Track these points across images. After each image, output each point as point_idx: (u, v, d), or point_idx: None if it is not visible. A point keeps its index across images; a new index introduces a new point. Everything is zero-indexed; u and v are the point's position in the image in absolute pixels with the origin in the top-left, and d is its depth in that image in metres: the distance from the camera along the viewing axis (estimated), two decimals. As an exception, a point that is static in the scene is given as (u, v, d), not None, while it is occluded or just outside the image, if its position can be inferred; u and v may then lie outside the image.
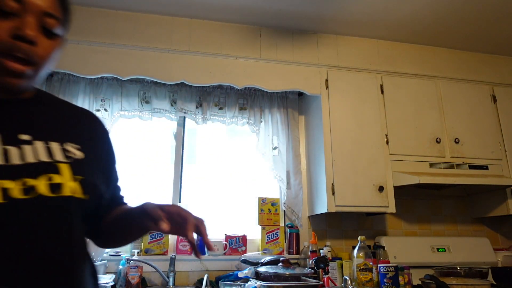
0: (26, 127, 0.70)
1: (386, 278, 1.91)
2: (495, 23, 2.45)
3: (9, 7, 0.64)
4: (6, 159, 0.63)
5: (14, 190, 0.61)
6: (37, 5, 0.67)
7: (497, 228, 2.76)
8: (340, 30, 2.53)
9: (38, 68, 0.69)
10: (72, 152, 0.73)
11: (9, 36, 0.64)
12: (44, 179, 0.65)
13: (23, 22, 0.65)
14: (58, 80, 2.31)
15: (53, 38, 0.71)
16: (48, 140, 0.71)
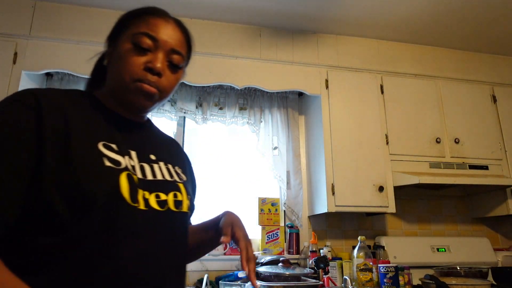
0: (151, 148, 0.83)
1: (386, 278, 1.91)
2: (495, 23, 2.45)
3: (146, 44, 0.77)
4: (143, 174, 0.75)
5: (152, 201, 0.73)
6: (168, 43, 0.79)
7: (497, 228, 2.76)
8: (340, 30, 2.53)
9: (162, 95, 0.80)
10: (180, 174, 0.86)
11: (143, 68, 0.76)
12: (171, 195, 0.78)
13: (155, 57, 0.77)
14: (58, 80, 2.31)
15: (176, 71, 0.82)
16: (167, 162, 0.84)
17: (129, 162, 0.73)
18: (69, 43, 2.16)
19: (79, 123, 0.70)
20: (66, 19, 2.19)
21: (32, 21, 2.14)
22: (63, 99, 0.73)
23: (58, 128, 0.66)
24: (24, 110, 0.66)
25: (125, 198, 0.67)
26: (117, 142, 0.74)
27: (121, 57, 0.78)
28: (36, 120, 0.65)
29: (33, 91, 0.70)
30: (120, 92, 0.78)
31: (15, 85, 2.02)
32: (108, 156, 0.69)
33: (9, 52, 2.05)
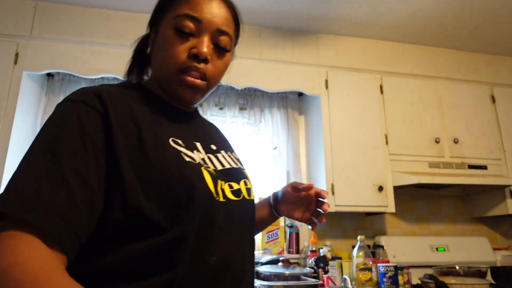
0: (209, 137, 0.79)
1: (385, 277, 1.92)
2: (494, 24, 2.46)
3: (188, 28, 0.69)
4: (213, 165, 0.71)
5: (227, 191, 0.70)
6: (213, 23, 0.71)
7: (496, 228, 2.77)
8: (340, 30, 2.53)
9: (209, 83, 0.73)
10: (239, 160, 0.84)
11: (187, 55, 0.69)
12: (242, 183, 0.75)
13: (199, 42, 0.70)
14: (59, 80, 2.32)
15: (224, 54, 0.74)
16: (226, 150, 0.81)
17: (198, 155, 0.69)
18: (70, 44, 2.16)
19: (147, 121, 0.66)
20: (67, 20, 2.19)
21: (33, 21, 2.15)
22: (125, 97, 0.67)
23: (127, 131, 0.61)
24: (90, 112, 0.60)
25: (212, 193, 0.65)
26: (182, 137, 0.70)
27: (163, 45, 0.71)
28: (103, 123, 0.60)
29: (95, 91, 0.64)
30: (166, 84, 0.72)
31: (16, 86, 2.03)
32: (183, 152, 0.66)
33: (10, 53, 2.06)
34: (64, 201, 0.51)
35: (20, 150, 2.07)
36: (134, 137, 0.62)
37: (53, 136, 0.57)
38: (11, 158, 1.98)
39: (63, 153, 0.55)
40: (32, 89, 2.18)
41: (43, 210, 0.49)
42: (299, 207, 0.88)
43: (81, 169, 0.55)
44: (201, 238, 0.62)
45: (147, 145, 0.61)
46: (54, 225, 0.49)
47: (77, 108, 0.60)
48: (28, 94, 2.13)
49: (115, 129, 0.60)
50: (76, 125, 0.58)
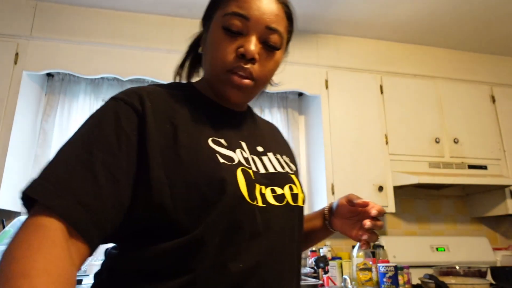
0: (257, 138, 0.77)
1: (385, 277, 1.92)
2: (494, 24, 2.46)
3: (236, 27, 0.67)
4: (256, 168, 0.69)
5: (269, 196, 0.67)
6: (261, 20, 0.68)
7: (496, 228, 2.77)
8: (340, 30, 2.54)
9: (257, 83, 0.70)
10: (289, 164, 0.79)
11: (235, 55, 0.67)
12: (287, 188, 0.71)
13: (246, 41, 0.67)
14: (59, 80, 2.32)
15: (274, 53, 0.71)
16: (275, 152, 0.77)
17: (241, 155, 0.67)
18: (70, 44, 2.16)
19: (186, 121, 0.66)
20: (67, 20, 2.19)
21: (33, 21, 2.15)
22: (168, 99, 0.68)
23: (164, 131, 0.62)
24: (128, 110, 0.62)
25: (244, 196, 0.62)
26: (226, 136, 0.68)
27: (212, 45, 0.70)
28: (139, 122, 0.61)
29: (138, 91, 0.66)
30: (214, 84, 0.71)
31: (16, 86, 2.03)
32: (220, 152, 0.64)
33: (11, 53, 2.06)
34: (91, 193, 0.53)
35: (20, 150, 2.07)
36: (169, 137, 0.62)
37: (91, 130, 0.59)
38: (11, 158, 1.98)
39: (97, 146, 0.57)
40: (32, 89, 2.18)
41: (69, 199, 0.51)
42: (355, 223, 0.79)
43: (112, 163, 0.56)
44: (226, 243, 0.59)
45: (181, 145, 0.62)
46: (77, 214, 0.51)
47: (117, 105, 0.62)
48: (28, 94, 2.13)
49: (150, 129, 0.61)
50: (113, 121, 0.60)
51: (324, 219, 0.87)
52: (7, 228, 1.71)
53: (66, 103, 2.30)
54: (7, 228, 1.71)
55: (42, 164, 2.19)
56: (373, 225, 0.73)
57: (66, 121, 2.27)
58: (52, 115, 2.27)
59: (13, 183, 2.03)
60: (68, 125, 2.27)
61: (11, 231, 1.69)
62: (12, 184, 2.01)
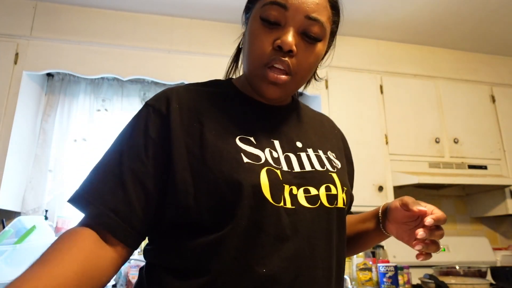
0: (297, 133, 0.72)
1: (385, 277, 1.92)
2: (494, 23, 2.46)
3: (273, 17, 0.64)
4: (290, 167, 0.65)
5: (300, 197, 0.63)
6: (301, 9, 0.63)
7: (496, 228, 2.77)
8: (339, 30, 2.52)
9: (295, 77, 0.66)
10: (334, 161, 0.73)
11: (272, 48, 0.64)
12: (323, 188, 0.66)
13: (284, 32, 0.64)
14: (59, 80, 2.32)
15: (314, 44, 0.66)
16: (316, 148, 0.72)
17: (270, 154, 0.64)
18: (70, 44, 2.16)
19: (215, 119, 0.66)
20: (67, 20, 2.20)
21: (33, 21, 2.15)
22: (199, 98, 0.69)
23: (191, 130, 0.63)
24: (156, 117, 0.64)
25: (266, 197, 0.59)
26: (256, 134, 0.66)
27: (250, 38, 0.67)
28: (165, 127, 0.63)
29: (167, 93, 0.68)
30: (251, 79, 0.69)
31: (16, 86, 2.03)
32: (246, 151, 0.62)
33: (10, 53, 2.06)
34: (120, 199, 0.59)
35: (20, 150, 2.07)
36: (196, 136, 0.63)
37: (123, 139, 0.65)
38: (11, 158, 1.98)
39: (127, 155, 0.62)
40: (32, 89, 2.18)
41: (100, 206, 0.59)
42: (413, 229, 0.69)
43: (139, 171, 0.61)
44: (248, 245, 0.58)
45: (206, 145, 0.62)
46: (107, 219, 0.58)
47: (147, 113, 0.66)
48: (28, 94, 2.13)
49: (175, 131, 0.63)
50: (143, 129, 0.64)
51: (378, 222, 0.78)
52: (7, 228, 1.70)
53: (66, 103, 2.30)
54: (7, 228, 1.70)
55: (42, 164, 2.19)
56: (429, 235, 0.62)
57: (66, 121, 2.27)
58: (52, 115, 2.27)
59: (13, 183, 2.03)
60: (68, 125, 2.27)
61: (11, 231, 1.69)
62: (12, 184, 2.01)
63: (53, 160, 2.20)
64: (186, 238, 0.60)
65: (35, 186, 2.14)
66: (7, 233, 1.67)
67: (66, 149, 2.22)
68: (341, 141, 0.85)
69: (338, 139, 0.84)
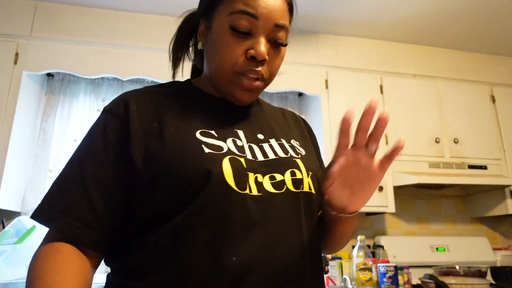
0: (258, 126, 0.73)
1: (385, 277, 1.92)
2: (494, 24, 2.46)
3: (244, 27, 0.65)
4: (254, 156, 0.66)
5: (266, 183, 0.64)
6: (270, 18, 0.66)
7: (496, 228, 2.77)
8: (340, 30, 2.54)
9: (267, 82, 0.71)
10: (297, 148, 0.74)
11: (244, 57, 0.66)
12: (288, 174, 0.66)
13: (256, 42, 0.65)
14: (59, 80, 2.32)
15: (280, 49, 0.70)
16: (279, 138, 0.73)
17: (234, 143, 0.65)
18: (70, 44, 2.16)
19: (175, 117, 0.66)
20: (67, 20, 2.20)
21: (33, 21, 2.15)
22: (158, 98, 0.70)
23: (151, 130, 0.64)
24: (114, 121, 0.65)
25: (230, 185, 0.60)
26: (218, 127, 0.67)
27: (218, 45, 0.67)
28: (124, 129, 0.64)
29: (125, 97, 0.68)
30: (221, 84, 0.70)
31: (16, 86, 2.03)
32: (207, 143, 0.63)
33: (10, 53, 2.06)
34: (85, 208, 0.60)
35: (20, 150, 2.07)
36: (156, 135, 0.63)
37: (82, 147, 0.66)
38: (11, 158, 1.98)
39: (88, 161, 0.63)
40: (32, 89, 2.18)
41: (66, 218, 0.59)
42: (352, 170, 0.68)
43: (102, 176, 0.61)
44: (215, 235, 0.58)
45: (166, 141, 0.62)
46: (75, 230, 0.59)
47: (105, 118, 0.67)
48: (28, 94, 2.13)
49: (134, 132, 0.63)
50: (101, 134, 0.65)
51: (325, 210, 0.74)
52: (7, 228, 1.70)
53: (66, 103, 2.30)
54: (7, 228, 1.70)
55: (42, 164, 2.19)
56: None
57: (66, 121, 2.27)
58: (52, 115, 2.27)
59: (13, 183, 2.03)
60: (68, 125, 2.27)
61: (11, 231, 1.69)
62: (12, 184, 2.01)
63: (53, 160, 2.20)
64: (151, 233, 0.60)
65: (35, 186, 2.14)
66: (7, 233, 1.67)
67: (66, 149, 2.22)
68: (306, 130, 0.85)
69: (302, 129, 0.84)
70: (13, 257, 1.55)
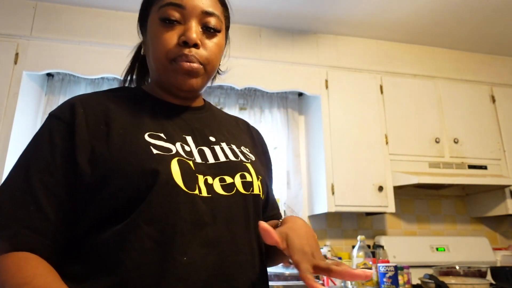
0: (210, 130, 0.75)
1: (385, 277, 1.92)
2: (494, 24, 2.46)
3: (173, 16, 0.69)
4: (204, 158, 0.67)
5: (216, 185, 0.65)
6: (197, 6, 0.70)
7: (496, 228, 2.77)
8: (340, 30, 2.54)
9: (206, 67, 0.71)
10: (247, 153, 0.76)
11: (177, 43, 0.69)
12: (238, 177, 0.68)
13: (186, 28, 0.69)
14: (59, 80, 2.32)
15: (215, 35, 0.73)
16: (230, 143, 0.75)
17: (182, 148, 0.66)
18: (70, 44, 2.16)
19: (123, 120, 0.66)
20: (67, 20, 2.20)
21: (33, 21, 2.15)
22: (106, 101, 0.69)
23: (97, 133, 0.64)
24: (60, 125, 0.64)
25: (179, 185, 0.61)
26: (167, 131, 0.68)
27: (152, 39, 0.71)
28: (70, 132, 0.63)
29: (72, 101, 0.68)
30: (162, 77, 0.72)
31: (16, 86, 2.03)
32: (155, 144, 0.64)
33: (10, 53, 2.06)
34: (34, 216, 0.58)
35: (20, 150, 2.07)
36: (103, 137, 0.63)
37: (28, 153, 0.64)
38: (11, 158, 1.98)
39: (34, 168, 0.61)
40: (32, 89, 2.18)
41: (15, 227, 0.57)
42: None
43: (49, 182, 0.60)
44: (164, 235, 0.58)
45: (113, 143, 0.62)
46: (27, 238, 0.57)
47: (50, 123, 0.65)
48: (28, 94, 2.13)
49: (80, 135, 0.63)
50: (47, 139, 0.63)
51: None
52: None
53: (66, 103, 2.30)
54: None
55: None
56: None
57: (66, 121, 2.27)
58: (52, 115, 2.27)
59: (13, 183, 2.02)
60: (68, 125, 2.27)
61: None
62: (12, 184, 2.01)
63: (53, 160, 2.20)
64: (99, 236, 0.59)
65: (35, 186, 2.14)
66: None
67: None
68: (256, 139, 0.87)
69: (253, 137, 0.87)
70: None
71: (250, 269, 0.64)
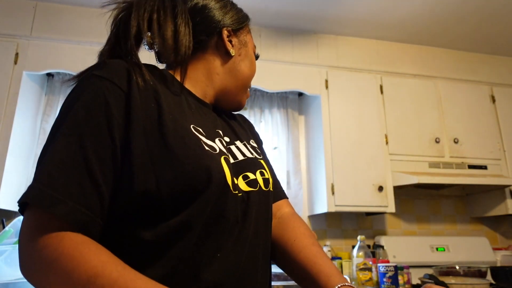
0: (223, 128, 0.75)
1: (385, 277, 1.92)
2: (494, 24, 2.46)
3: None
4: (234, 157, 0.69)
5: (241, 183, 0.66)
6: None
7: (496, 228, 2.77)
8: (340, 30, 2.54)
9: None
10: (256, 148, 0.80)
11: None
12: (258, 173, 0.71)
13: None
14: (59, 80, 2.32)
15: None
16: (242, 140, 0.76)
17: (220, 145, 0.67)
18: (70, 44, 2.16)
19: (168, 103, 0.62)
20: (67, 20, 2.20)
21: (33, 21, 2.15)
22: (153, 76, 0.64)
23: (149, 111, 0.59)
24: (116, 92, 0.57)
25: (229, 185, 0.61)
26: (203, 125, 0.66)
27: (249, 58, 0.81)
28: (126, 104, 0.57)
29: (127, 66, 0.61)
30: (238, 91, 0.80)
31: (16, 86, 2.03)
32: (202, 140, 0.62)
33: (11, 53, 2.06)
34: (90, 192, 0.53)
35: (20, 150, 2.07)
36: (155, 118, 0.59)
37: (78, 118, 0.55)
38: (11, 158, 1.98)
39: (89, 139, 0.54)
40: (32, 89, 2.18)
41: (70, 202, 0.51)
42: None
43: (106, 156, 0.55)
44: (207, 232, 0.58)
45: (167, 128, 0.58)
46: (82, 216, 0.52)
47: (104, 87, 0.57)
48: (28, 94, 2.13)
49: (136, 111, 0.57)
50: (103, 107, 0.56)
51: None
52: (7, 228, 1.71)
53: (66, 103, 2.30)
54: (7, 228, 1.70)
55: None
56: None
57: (66, 121, 2.27)
58: (52, 115, 2.27)
59: (13, 183, 2.03)
60: (68, 125, 2.27)
61: (11, 231, 1.69)
62: (12, 184, 2.01)
63: (53, 160, 2.20)
64: (138, 228, 0.56)
65: (35, 186, 2.14)
66: (7, 233, 1.67)
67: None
68: (253, 130, 0.91)
69: (252, 129, 0.91)
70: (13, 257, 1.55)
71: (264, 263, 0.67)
